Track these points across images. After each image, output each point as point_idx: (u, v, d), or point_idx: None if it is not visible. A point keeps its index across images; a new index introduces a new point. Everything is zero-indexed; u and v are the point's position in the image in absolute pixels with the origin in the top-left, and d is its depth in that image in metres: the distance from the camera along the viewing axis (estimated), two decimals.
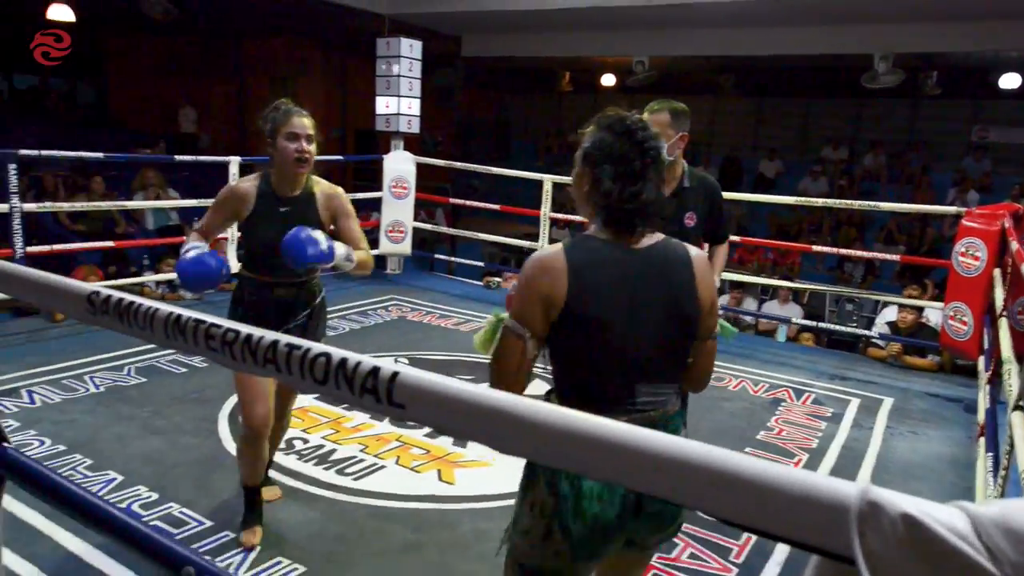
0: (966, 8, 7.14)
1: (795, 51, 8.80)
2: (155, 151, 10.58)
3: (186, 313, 0.85)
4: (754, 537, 2.60)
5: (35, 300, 1.09)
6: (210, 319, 0.83)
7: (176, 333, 0.84)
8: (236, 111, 12.74)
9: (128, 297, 0.91)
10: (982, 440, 3.08)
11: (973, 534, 0.44)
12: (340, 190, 2.54)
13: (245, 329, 0.80)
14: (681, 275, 1.48)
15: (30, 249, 4.73)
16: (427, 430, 3.38)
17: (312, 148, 2.40)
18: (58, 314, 4.74)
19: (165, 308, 0.87)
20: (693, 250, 1.52)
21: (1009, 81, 9.83)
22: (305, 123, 2.40)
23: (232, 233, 5.60)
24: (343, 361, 0.72)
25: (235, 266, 5.60)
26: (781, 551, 2.59)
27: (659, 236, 1.51)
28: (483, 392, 0.65)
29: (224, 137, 12.21)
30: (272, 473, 2.99)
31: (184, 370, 4.10)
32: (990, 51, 8.75)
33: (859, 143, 12.65)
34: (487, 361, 1.51)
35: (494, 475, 3.03)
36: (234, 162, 5.52)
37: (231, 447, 3.20)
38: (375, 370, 0.69)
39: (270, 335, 0.78)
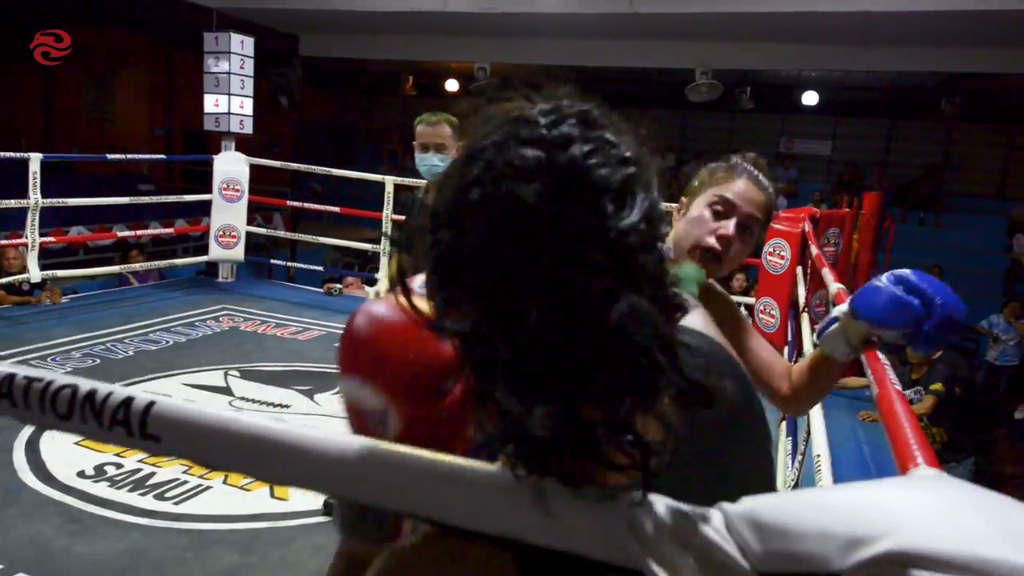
0: (773, 31, 7.87)
1: (624, 63, 9.27)
2: None
3: None
4: None
5: None
6: None
7: None
8: (42, 104, 11.56)
9: None
10: (783, 424, 3.37)
11: (725, 529, 0.47)
12: (724, 293, 1.50)
13: None
14: None
15: None
16: None
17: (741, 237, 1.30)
18: None
19: None
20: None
21: (809, 98, 11.01)
22: (756, 197, 1.29)
23: (34, 239, 5.04)
24: (91, 393, 0.65)
25: (36, 275, 5.06)
26: None
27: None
28: (244, 422, 0.62)
29: (27, 133, 11.01)
30: (75, 503, 2.71)
31: None
32: (794, 70, 9.71)
33: (685, 152, 13.57)
34: (324, 370, 1.17)
35: None
36: (35, 159, 4.97)
37: (28, 478, 2.86)
38: (127, 401, 0.64)
39: (4, 367, 0.69)
